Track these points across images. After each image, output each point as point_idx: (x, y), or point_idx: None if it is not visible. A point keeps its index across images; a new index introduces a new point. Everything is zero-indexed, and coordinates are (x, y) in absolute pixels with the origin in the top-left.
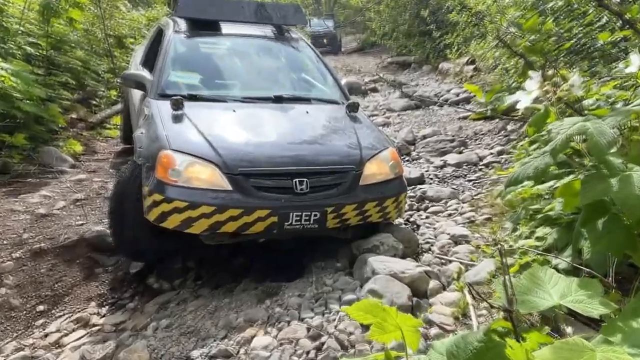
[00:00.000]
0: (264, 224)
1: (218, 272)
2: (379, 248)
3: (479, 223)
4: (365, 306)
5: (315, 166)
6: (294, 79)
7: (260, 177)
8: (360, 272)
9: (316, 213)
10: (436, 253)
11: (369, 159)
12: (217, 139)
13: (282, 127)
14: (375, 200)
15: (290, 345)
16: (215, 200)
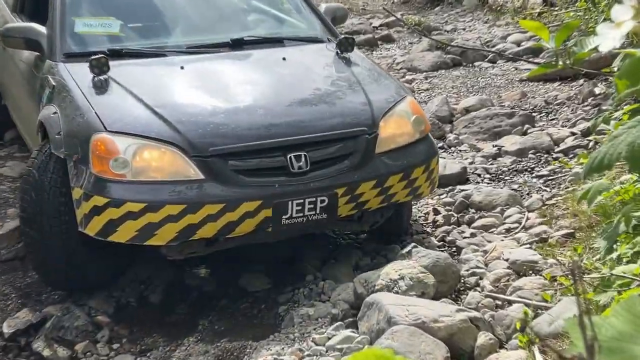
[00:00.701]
0: (254, 221)
1: (146, 330)
2: (398, 284)
3: (555, 242)
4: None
5: (314, 133)
6: (255, 12)
7: (242, 156)
8: (369, 322)
9: (323, 198)
10: (488, 290)
11: (384, 116)
12: (170, 109)
13: (257, 84)
14: (399, 172)
15: None
16: (184, 195)
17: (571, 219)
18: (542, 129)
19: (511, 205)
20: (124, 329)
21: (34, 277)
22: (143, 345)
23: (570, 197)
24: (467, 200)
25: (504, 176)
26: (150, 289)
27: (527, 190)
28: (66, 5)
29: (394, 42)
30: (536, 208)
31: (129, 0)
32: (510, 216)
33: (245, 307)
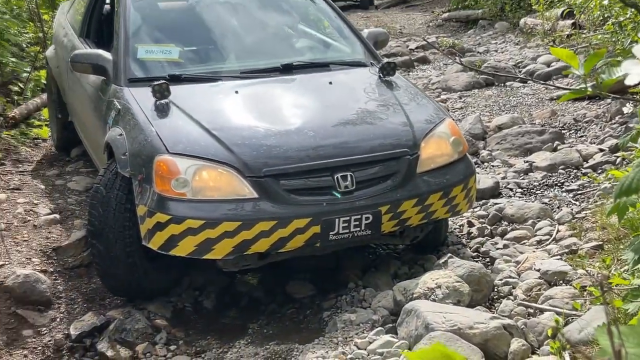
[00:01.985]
0: (303, 237)
1: (200, 333)
2: (435, 292)
3: (585, 254)
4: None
5: (359, 155)
6: (303, 37)
7: (293, 176)
8: (408, 327)
9: (368, 215)
10: (520, 299)
11: (425, 137)
12: (226, 132)
13: (306, 108)
14: (439, 191)
15: None
16: (239, 213)
17: (600, 231)
18: (572, 145)
19: (542, 218)
20: (180, 332)
21: (98, 284)
22: (198, 347)
23: (599, 211)
24: (500, 213)
25: (535, 190)
26: (204, 295)
27: (558, 204)
28: (129, 33)
29: (429, 63)
30: (566, 221)
31: (187, 28)
32: (541, 229)
33: (292, 312)
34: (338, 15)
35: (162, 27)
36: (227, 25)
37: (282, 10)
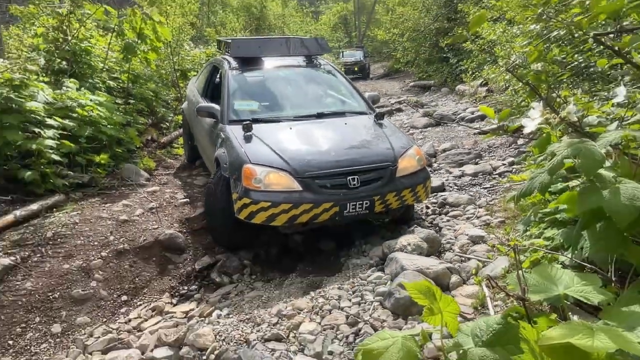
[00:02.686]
0: (328, 214)
1: (269, 269)
2: (407, 247)
3: (494, 225)
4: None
5: (363, 165)
6: (329, 97)
7: (323, 178)
8: (390, 268)
9: (367, 201)
10: (456, 252)
11: (401, 156)
12: (284, 151)
13: (330, 137)
14: (409, 187)
15: (332, 330)
16: (291, 198)
17: (503, 212)
18: (486, 161)
19: (469, 204)
20: (257, 268)
21: (210, 239)
22: (268, 277)
23: (503, 200)
24: (444, 200)
25: (465, 187)
26: (271, 248)
27: (478, 196)
28: (230, 94)
29: (402, 111)
30: (483, 206)
31: (262, 91)
32: (469, 210)
33: (321, 259)
34: (350, 84)
35: (248, 91)
36: (285, 90)
37: (317, 82)
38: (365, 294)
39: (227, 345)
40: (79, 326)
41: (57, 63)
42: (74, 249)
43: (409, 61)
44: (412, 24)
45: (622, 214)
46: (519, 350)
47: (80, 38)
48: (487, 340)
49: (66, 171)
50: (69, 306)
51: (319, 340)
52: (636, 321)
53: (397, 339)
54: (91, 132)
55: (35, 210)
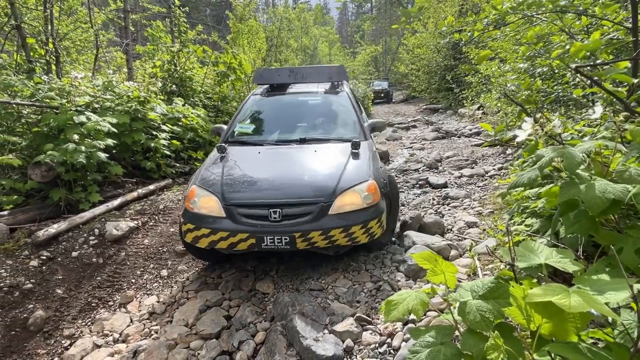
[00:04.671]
0: (246, 244)
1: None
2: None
3: (485, 214)
4: (425, 255)
5: (289, 199)
6: (325, 124)
7: (245, 207)
8: (404, 242)
9: (286, 237)
10: (455, 233)
11: (343, 192)
12: (228, 176)
13: (282, 166)
14: (340, 227)
15: (360, 286)
16: (212, 224)
17: (493, 205)
18: (480, 166)
19: (466, 198)
20: None
21: None
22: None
23: (492, 195)
24: (447, 195)
25: (463, 185)
26: None
27: (473, 192)
28: (237, 117)
29: (416, 127)
30: (477, 199)
31: (264, 116)
32: (466, 202)
33: None
34: (355, 111)
35: (256, 114)
36: (287, 115)
37: (323, 107)
38: (385, 260)
39: (281, 292)
40: (180, 272)
41: (169, 86)
42: (177, 217)
43: (423, 89)
44: (426, 61)
45: (596, 204)
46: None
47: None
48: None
49: (173, 163)
50: (173, 258)
51: (349, 292)
52: (604, 287)
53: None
54: (192, 135)
55: (152, 189)
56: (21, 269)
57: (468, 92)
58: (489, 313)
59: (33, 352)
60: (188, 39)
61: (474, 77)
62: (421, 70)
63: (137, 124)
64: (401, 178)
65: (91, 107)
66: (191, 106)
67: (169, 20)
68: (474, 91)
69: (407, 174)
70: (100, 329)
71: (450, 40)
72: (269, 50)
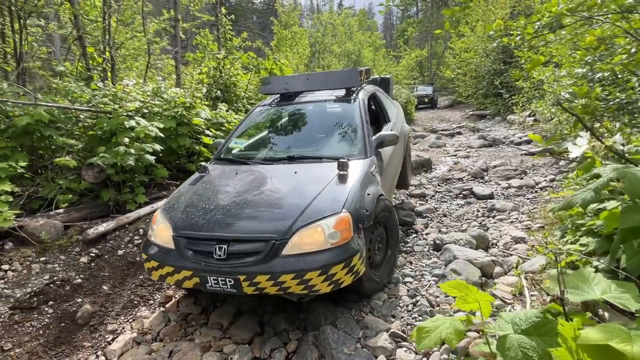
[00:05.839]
0: (191, 282)
1: None
2: (459, 241)
3: (534, 229)
4: (454, 284)
5: (236, 233)
6: (324, 139)
7: (191, 240)
8: (444, 256)
9: (231, 279)
10: (500, 248)
11: (302, 227)
12: (191, 202)
13: (248, 191)
14: (292, 273)
15: (396, 299)
16: (161, 256)
17: (543, 219)
18: (530, 177)
19: (514, 210)
20: None
21: None
22: None
23: (543, 209)
24: (493, 207)
25: (511, 197)
26: None
27: (522, 204)
28: (235, 132)
29: (462, 134)
30: (526, 212)
31: (261, 131)
32: (513, 215)
33: None
34: (362, 124)
35: (253, 129)
36: (281, 131)
37: (328, 119)
38: (425, 274)
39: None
40: None
41: (214, 92)
42: None
43: (469, 95)
44: (473, 66)
45: None
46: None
47: (230, 75)
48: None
49: None
50: None
51: (385, 305)
52: None
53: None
54: None
55: None
56: (72, 265)
57: (518, 97)
58: (533, 351)
59: (80, 344)
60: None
61: (525, 83)
62: (468, 74)
63: (182, 128)
64: (444, 187)
65: (141, 112)
66: (234, 112)
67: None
68: (525, 97)
69: (450, 183)
70: (140, 326)
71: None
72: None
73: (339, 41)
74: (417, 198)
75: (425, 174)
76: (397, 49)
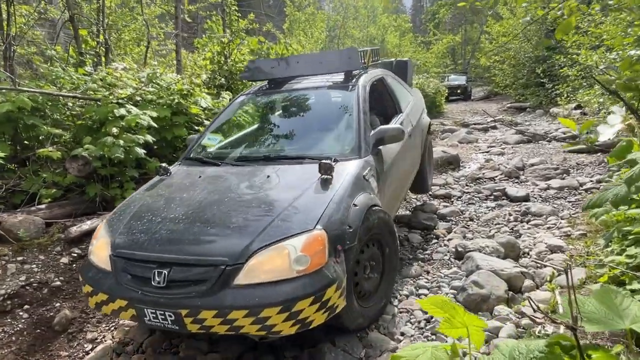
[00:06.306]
0: (127, 314)
1: None
2: (485, 249)
3: (575, 237)
4: (437, 301)
5: (179, 255)
6: (308, 135)
7: (129, 261)
8: (466, 265)
9: (171, 314)
10: (533, 258)
11: (261, 249)
12: (136, 214)
13: (206, 200)
14: (245, 309)
15: (407, 314)
16: (95, 280)
17: (586, 225)
18: (573, 177)
19: (551, 215)
20: None
21: None
22: None
23: (586, 214)
24: (528, 210)
25: (549, 199)
26: None
27: (562, 208)
28: (211, 126)
29: (497, 129)
30: (566, 218)
31: (239, 125)
32: (550, 220)
33: None
34: (359, 116)
35: (231, 122)
36: (262, 125)
37: (319, 110)
38: (442, 285)
39: None
40: None
41: (219, 80)
42: None
43: (507, 85)
44: (512, 52)
45: None
46: None
47: (235, 61)
48: None
49: None
50: None
51: (392, 321)
52: None
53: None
54: None
55: None
56: (52, 265)
57: (563, 87)
58: None
59: (56, 353)
60: (239, 29)
61: (570, 70)
62: (506, 62)
63: (178, 118)
64: (472, 187)
65: (133, 99)
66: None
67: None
68: (571, 86)
69: (481, 182)
70: (122, 335)
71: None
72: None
73: (360, 25)
74: (441, 199)
75: (452, 172)
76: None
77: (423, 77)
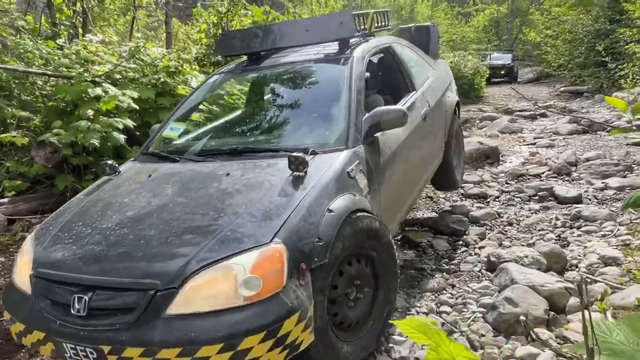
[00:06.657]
0: (46, 349)
1: None
2: (523, 260)
3: (635, 247)
4: (417, 324)
5: (103, 277)
6: (285, 122)
7: (49, 283)
8: (499, 279)
9: (92, 350)
10: (582, 271)
11: (201, 270)
12: (67, 224)
13: (146, 207)
14: (178, 347)
15: None
16: (13, 305)
17: None
18: (638, 175)
19: (608, 220)
20: None
21: None
22: None
23: None
24: (579, 213)
25: (607, 202)
26: None
27: (621, 212)
28: (175, 113)
29: (547, 117)
30: (625, 224)
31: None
32: (606, 227)
33: None
34: (349, 97)
35: (191, 110)
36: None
37: (302, 91)
38: (469, 302)
39: None
40: None
41: (215, 56)
42: None
43: (561, 65)
44: (568, 25)
45: None
46: None
47: None
48: None
49: None
50: None
51: (407, 344)
52: None
53: None
54: None
55: None
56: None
57: (629, 67)
58: None
59: None
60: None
61: (639, 47)
62: (560, 37)
63: (164, 99)
64: (513, 186)
65: (112, 78)
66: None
67: None
68: (638, 66)
69: (523, 180)
70: None
71: None
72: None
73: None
74: (475, 199)
75: (489, 167)
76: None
77: (459, 55)
